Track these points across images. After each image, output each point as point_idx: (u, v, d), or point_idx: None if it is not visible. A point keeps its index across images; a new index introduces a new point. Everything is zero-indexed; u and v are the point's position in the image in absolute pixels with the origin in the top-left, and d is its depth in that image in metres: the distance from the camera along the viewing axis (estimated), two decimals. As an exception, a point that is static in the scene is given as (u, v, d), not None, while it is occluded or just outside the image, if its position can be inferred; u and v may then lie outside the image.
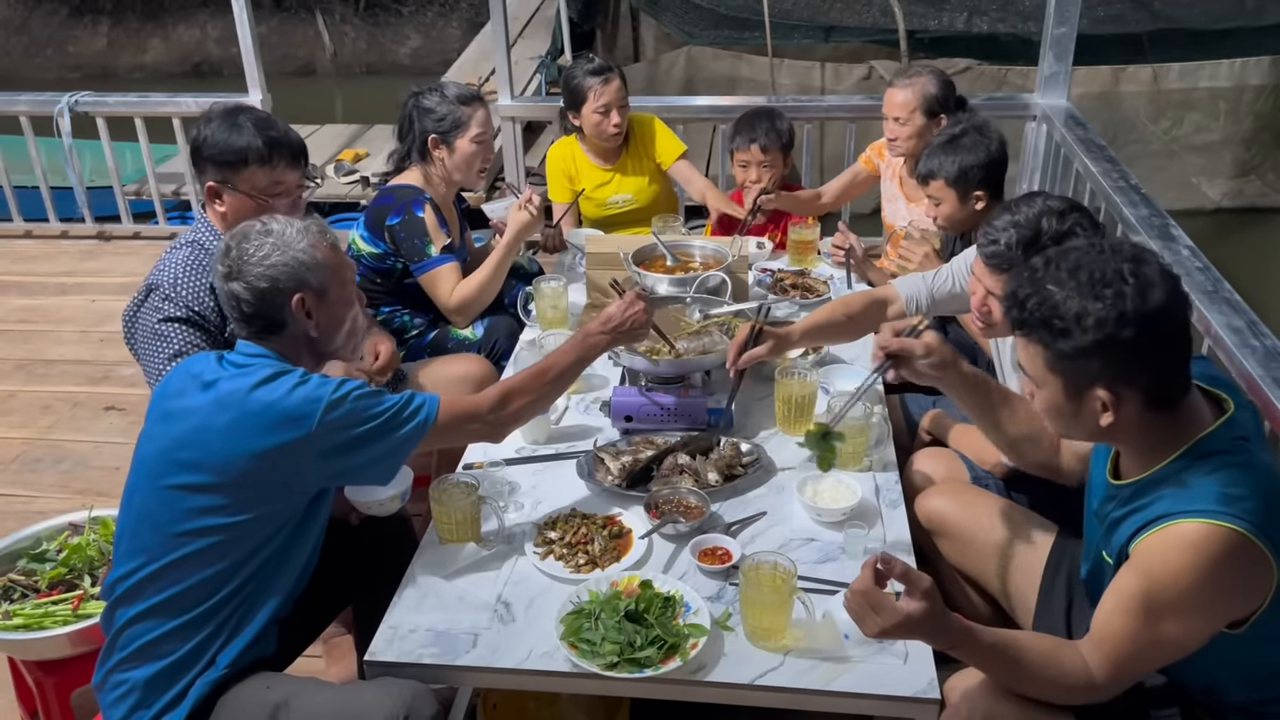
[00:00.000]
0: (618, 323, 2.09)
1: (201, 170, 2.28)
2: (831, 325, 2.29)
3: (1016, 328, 1.51)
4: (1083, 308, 1.41)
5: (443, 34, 11.37)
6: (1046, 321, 1.44)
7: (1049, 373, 1.48)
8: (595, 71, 3.37)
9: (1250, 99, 6.76)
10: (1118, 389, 1.44)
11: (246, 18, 4.53)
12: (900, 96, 3.12)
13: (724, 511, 2.03)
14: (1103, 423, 1.47)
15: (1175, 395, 1.48)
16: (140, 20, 11.52)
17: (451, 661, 1.70)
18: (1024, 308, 1.47)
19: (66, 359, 4.12)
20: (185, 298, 2.19)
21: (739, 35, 6.98)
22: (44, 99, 5.01)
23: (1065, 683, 1.50)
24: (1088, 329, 1.40)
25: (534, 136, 6.46)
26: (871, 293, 2.38)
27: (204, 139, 2.25)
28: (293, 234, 1.80)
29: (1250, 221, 6.89)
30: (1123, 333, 1.39)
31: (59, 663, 2.11)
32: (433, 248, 2.81)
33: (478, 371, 2.71)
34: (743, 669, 1.66)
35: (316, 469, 1.72)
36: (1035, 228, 1.94)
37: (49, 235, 5.28)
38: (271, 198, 2.25)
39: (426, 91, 2.93)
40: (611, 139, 3.44)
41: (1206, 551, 1.38)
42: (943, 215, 2.73)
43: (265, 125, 2.26)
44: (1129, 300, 1.39)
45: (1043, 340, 1.46)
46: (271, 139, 2.24)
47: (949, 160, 2.65)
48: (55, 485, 3.31)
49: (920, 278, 2.35)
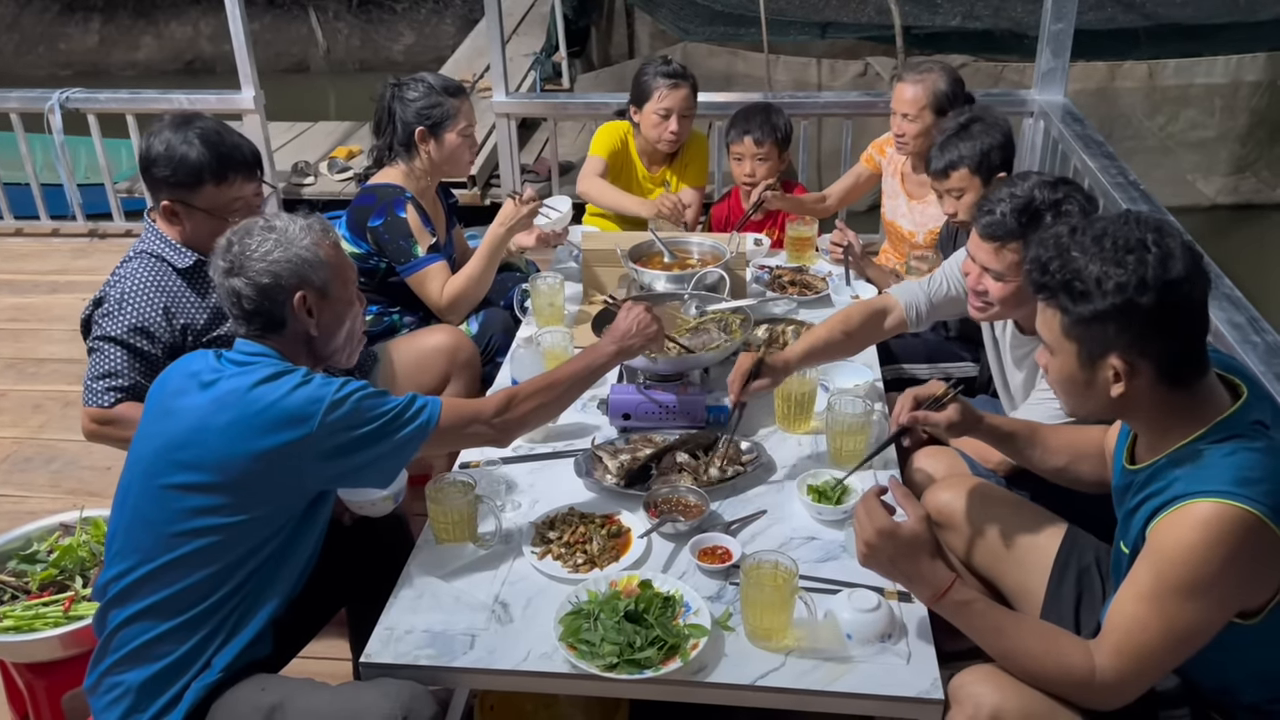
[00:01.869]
0: (625, 329, 2.08)
1: (154, 190, 2.21)
2: (830, 344, 2.24)
3: (1037, 291, 1.51)
4: (1104, 272, 1.42)
5: (436, 31, 11.34)
6: (1068, 284, 1.45)
7: (1065, 338, 1.49)
8: (668, 74, 3.35)
9: (1246, 95, 6.77)
10: (1131, 358, 1.44)
11: (239, 14, 4.50)
12: (910, 93, 3.10)
13: (724, 510, 2.02)
14: (1113, 393, 1.47)
15: (1190, 373, 1.47)
16: (132, 17, 11.47)
17: (448, 663, 1.68)
18: (1046, 270, 1.48)
19: (58, 358, 4.08)
20: (129, 316, 2.15)
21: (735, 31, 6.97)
22: (35, 96, 4.97)
23: (1059, 665, 1.48)
24: (1107, 293, 1.41)
25: (529, 133, 6.44)
26: (869, 304, 2.34)
27: (153, 158, 2.19)
28: (296, 231, 1.78)
29: (1246, 218, 6.90)
30: (1141, 298, 1.40)
31: (50, 665, 2.09)
32: (418, 248, 2.77)
33: (449, 342, 2.68)
34: (744, 669, 1.64)
35: (316, 470, 1.69)
36: (1029, 197, 2.00)
37: (40, 233, 5.25)
38: (230, 214, 2.19)
39: (409, 82, 2.88)
40: (666, 144, 3.41)
41: (1219, 531, 1.37)
42: (965, 207, 2.66)
43: (215, 141, 2.19)
44: (1150, 267, 1.40)
45: (1062, 304, 1.47)
46: (223, 155, 2.18)
47: (968, 146, 2.61)
48: (46, 485, 3.28)
49: (917, 284, 2.34)
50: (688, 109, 3.38)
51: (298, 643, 1.98)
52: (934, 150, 2.69)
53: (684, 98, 3.36)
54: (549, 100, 5.48)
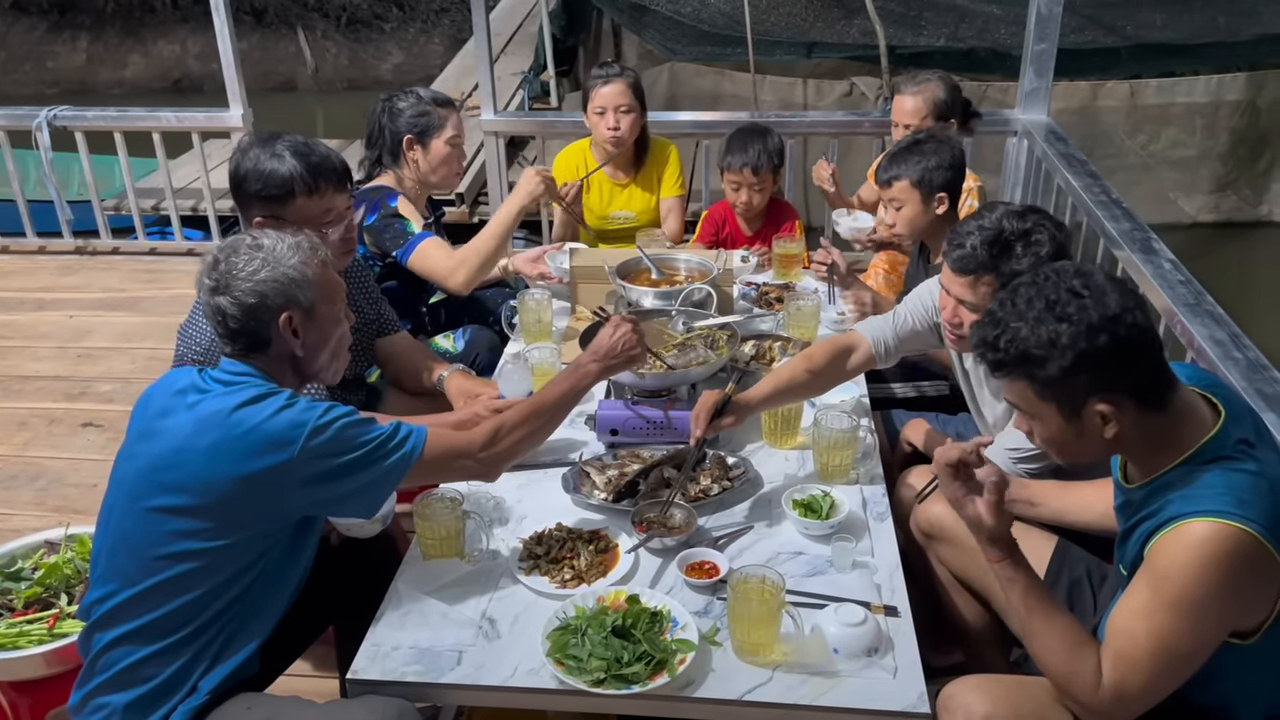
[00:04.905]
0: (608, 348, 2.05)
1: (246, 206, 2.18)
2: (795, 384, 2.18)
3: (996, 370, 1.54)
4: (1053, 331, 1.45)
5: (425, 50, 11.39)
6: (1024, 356, 1.48)
7: (1041, 402, 1.51)
8: (600, 74, 3.37)
9: (1226, 114, 6.85)
10: (1111, 397, 1.46)
11: (228, 33, 4.51)
12: (910, 104, 3.14)
13: (711, 525, 2.02)
14: (1108, 435, 1.49)
15: (1164, 392, 1.50)
16: (120, 36, 11.48)
17: (435, 679, 1.68)
18: (997, 348, 1.51)
19: (43, 375, 4.07)
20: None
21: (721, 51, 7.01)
22: (21, 113, 4.96)
23: (1070, 668, 1.49)
24: (1065, 349, 1.45)
25: (517, 151, 6.47)
26: (835, 341, 2.30)
27: (244, 174, 2.16)
28: (284, 250, 1.76)
29: (1227, 236, 6.97)
30: (1098, 340, 1.43)
31: (33, 683, 2.07)
32: (413, 225, 2.78)
33: None
34: (731, 684, 1.64)
35: (298, 496, 1.67)
36: (998, 228, 2.00)
37: (26, 250, 5.23)
38: (323, 226, 2.17)
39: (399, 95, 2.92)
40: (610, 142, 3.36)
41: (1214, 550, 1.39)
42: (904, 219, 2.74)
43: (305, 152, 2.17)
44: (1091, 310, 1.45)
45: (1026, 374, 1.50)
46: (313, 166, 2.16)
47: (913, 161, 2.69)
48: (31, 503, 3.26)
49: (883, 319, 2.33)
50: (625, 104, 3.32)
51: (285, 660, 1.97)
52: (884, 161, 2.76)
53: (617, 93, 3.31)
54: (537, 119, 5.50)
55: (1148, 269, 2.68)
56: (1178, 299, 2.49)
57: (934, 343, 2.31)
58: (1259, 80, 6.80)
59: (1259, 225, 7.08)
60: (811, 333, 2.69)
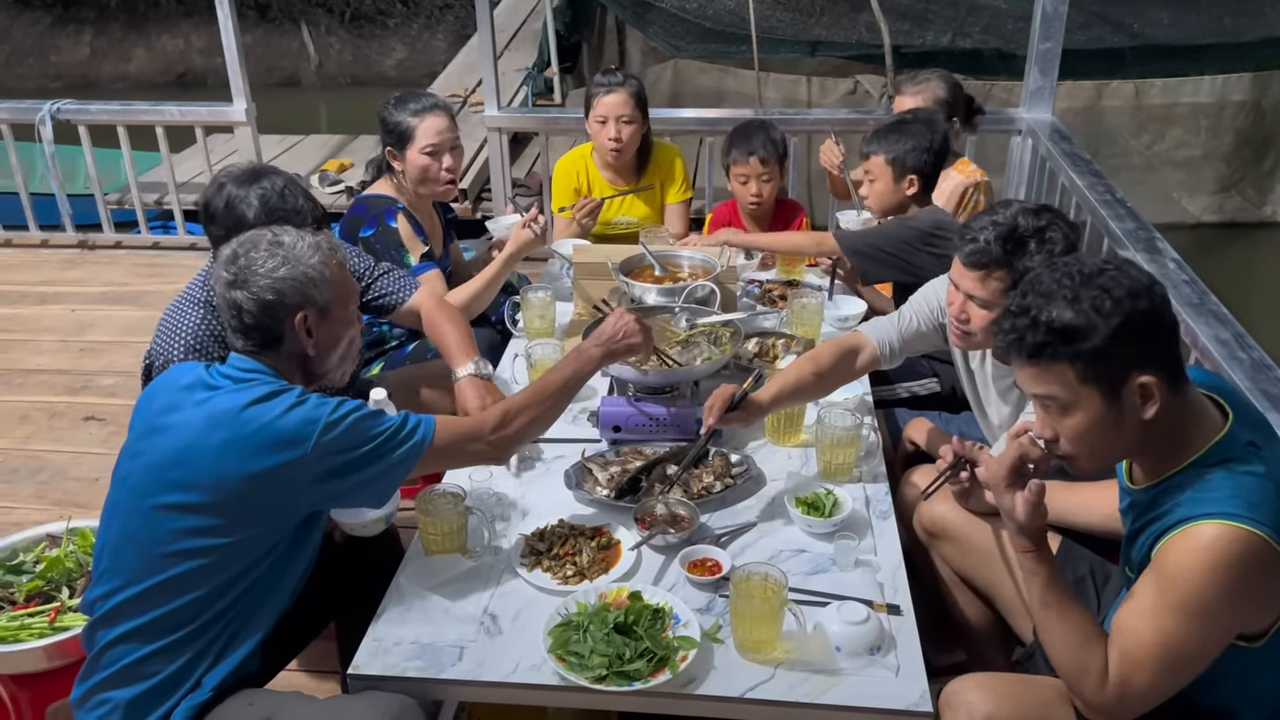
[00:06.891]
0: (609, 335, 2.06)
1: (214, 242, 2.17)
2: (801, 386, 2.18)
3: (1036, 355, 1.47)
4: (1095, 300, 1.43)
5: (428, 46, 11.38)
6: (1068, 329, 1.43)
7: (1082, 385, 1.46)
8: (603, 82, 3.32)
9: (1231, 115, 6.83)
10: (1151, 369, 1.43)
11: (231, 28, 4.52)
12: (911, 103, 3.14)
13: (713, 522, 2.02)
14: (1147, 414, 1.44)
15: (1185, 376, 1.49)
16: (123, 30, 11.48)
17: (437, 675, 1.68)
18: (1037, 328, 1.46)
19: (45, 368, 4.07)
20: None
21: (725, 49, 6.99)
22: (25, 106, 4.97)
23: (1079, 663, 1.48)
24: (1109, 314, 1.42)
25: (520, 148, 6.46)
26: (841, 342, 2.29)
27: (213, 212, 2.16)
28: (304, 249, 1.77)
29: (1231, 236, 6.96)
30: (1139, 304, 1.43)
31: (34, 676, 2.07)
32: (410, 257, 2.77)
33: None
34: (733, 682, 1.64)
35: (309, 492, 1.68)
36: (1013, 224, 1.98)
37: (29, 244, 5.23)
38: None
39: (389, 102, 2.90)
40: (611, 152, 3.34)
41: (1223, 552, 1.37)
42: (874, 194, 2.79)
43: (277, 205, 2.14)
44: (1128, 278, 1.44)
45: (1067, 354, 1.44)
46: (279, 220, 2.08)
47: (892, 139, 2.73)
48: (32, 496, 3.26)
49: (888, 320, 2.33)
50: (627, 114, 3.29)
51: (286, 656, 1.97)
52: (867, 135, 2.82)
53: (619, 103, 3.27)
54: (540, 115, 5.49)
55: (1152, 268, 2.67)
56: (1182, 299, 2.48)
57: (939, 343, 2.31)
58: (1264, 81, 6.78)
59: (1263, 226, 7.07)
60: (815, 330, 2.68)
